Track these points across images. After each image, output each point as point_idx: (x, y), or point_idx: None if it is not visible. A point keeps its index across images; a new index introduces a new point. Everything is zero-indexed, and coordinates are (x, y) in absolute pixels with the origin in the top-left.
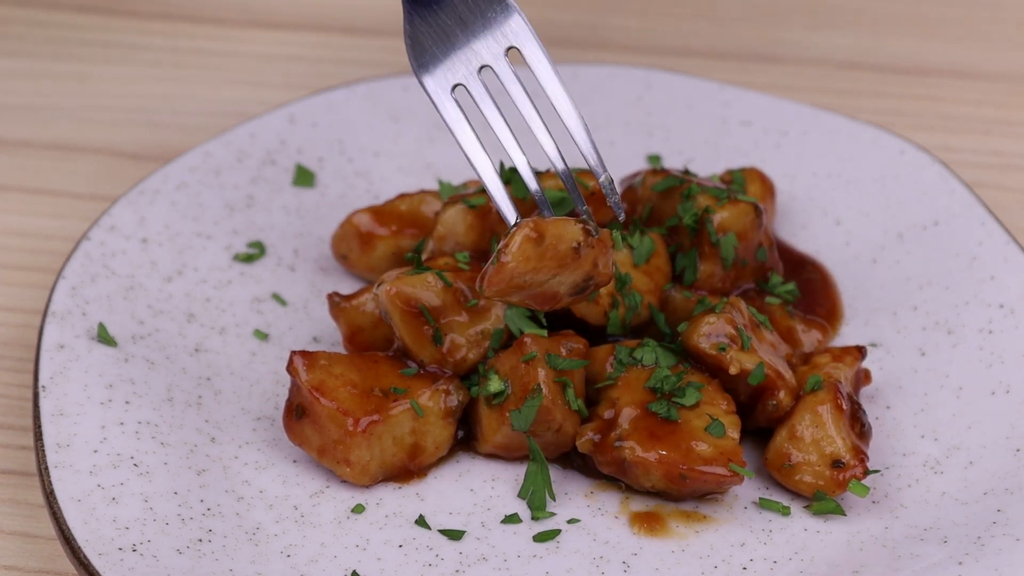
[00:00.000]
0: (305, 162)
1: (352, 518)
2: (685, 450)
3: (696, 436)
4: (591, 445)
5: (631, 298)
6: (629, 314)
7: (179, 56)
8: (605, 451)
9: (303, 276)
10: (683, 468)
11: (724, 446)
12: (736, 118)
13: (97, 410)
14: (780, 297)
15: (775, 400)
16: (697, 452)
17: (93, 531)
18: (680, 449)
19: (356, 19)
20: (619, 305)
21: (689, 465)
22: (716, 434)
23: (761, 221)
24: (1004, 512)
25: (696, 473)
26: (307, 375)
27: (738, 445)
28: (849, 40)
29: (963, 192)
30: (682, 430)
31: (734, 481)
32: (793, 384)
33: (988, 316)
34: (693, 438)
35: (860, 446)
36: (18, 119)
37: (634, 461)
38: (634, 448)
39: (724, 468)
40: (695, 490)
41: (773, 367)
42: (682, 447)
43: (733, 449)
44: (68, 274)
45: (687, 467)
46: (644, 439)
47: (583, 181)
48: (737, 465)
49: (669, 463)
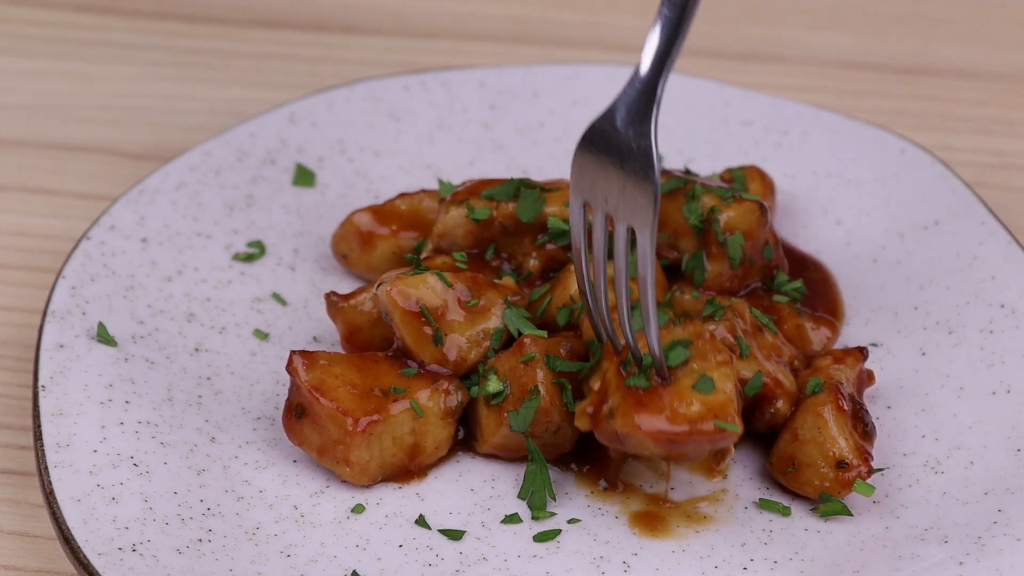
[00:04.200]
0: (305, 162)
1: (352, 518)
2: (671, 414)
3: (683, 396)
4: (587, 420)
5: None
6: None
7: (179, 56)
8: (600, 426)
9: (303, 276)
10: (670, 433)
11: (712, 402)
12: (736, 118)
13: (97, 410)
14: (788, 295)
15: (773, 408)
16: (683, 414)
17: (93, 531)
18: (665, 414)
19: (356, 19)
20: None
21: (674, 428)
22: (704, 391)
23: (767, 219)
24: (1005, 512)
25: (683, 436)
26: (307, 375)
27: (730, 398)
28: (849, 40)
29: (964, 192)
30: (670, 392)
31: (725, 437)
32: (792, 390)
33: (989, 316)
34: (680, 399)
35: (864, 446)
36: (18, 119)
37: (624, 432)
38: (623, 419)
39: (710, 425)
40: (695, 451)
41: (772, 375)
42: (667, 411)
43: (721, 404)
44: (68, 274)
45: (672, 431)
46: (631, 409)
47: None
48: (723, 421)
49: (656, 430)
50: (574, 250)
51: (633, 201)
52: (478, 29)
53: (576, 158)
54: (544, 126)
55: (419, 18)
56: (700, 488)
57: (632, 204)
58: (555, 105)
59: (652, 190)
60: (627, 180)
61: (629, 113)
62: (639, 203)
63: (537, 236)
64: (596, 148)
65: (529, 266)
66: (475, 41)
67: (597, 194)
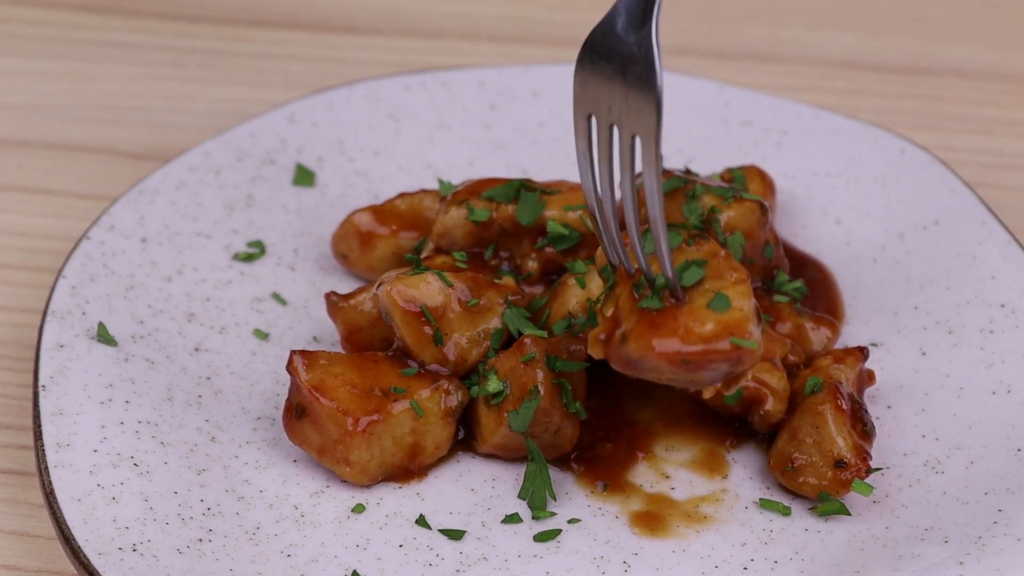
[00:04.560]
0: (305, 162)
1: (352, 518)
2: (684, 334)
3: (698, 316)
4: (600, 347)
5: None
6: None
7: (179, 56)
8: (613, 352)
9: (303, 276)
10: (685, 354)
11: (728, 320)
12: (736, 118)
13: (97, 410)
14: (788, 295)
15: (761, 411)
16: (698, 333)
17: (93, 531)
18: (679, 334)
19: (356, 19)
20: None
21: (688, 348)
22: (719, 309)
23: (767, 219)
24: (1005, 512)
25: (698, 356)
26: (307, 375)
27: (747, 315)
28: (849, 40)
29: (964, 192)
30: (684, 313)
31: (743, 356)
32: (782, 388)
33: (989, 316)
34: (694, 319)
35: (862, 445)
36: (18, 119)
37: (638, 356)
38: (636, 342)
39: (726, 343)
40: (713, 373)
41: (757, 378)
42: (681, 331)
43: (737, 321)
44: (68, 273)
45: (687, 351)
46: (644, 331)
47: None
48: (740, 338)
49: (670, 352)
50: (580, 169)
51: (636, 109)
52: (478, 29)
53: (577, 68)
54: (544, 126)
55: (419, 18)
56: (700, 488)
57: (635, 112)
58: (555, 105)
59: (655, 95)
60: (629, 87)
61: (629, 17)
62: (642, 110)
63: (537, 239)
64: (596, 55)
65: (528, 268)
66: (475, 41)
67: (600, 104)
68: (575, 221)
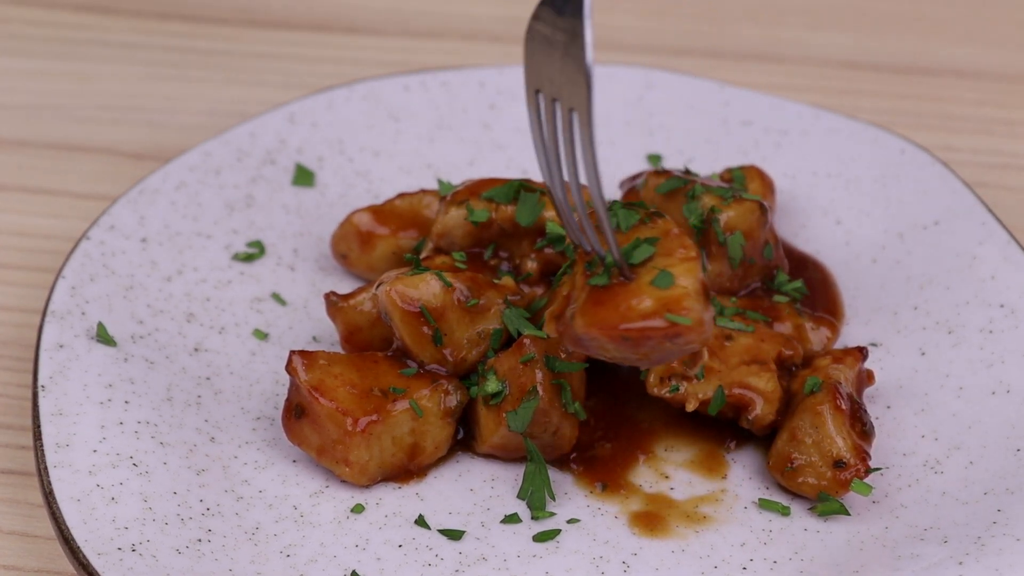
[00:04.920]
0: (305, 162)
1: (352, 518)
2: (624, 310)
3: (639, 293)
4: (554, 324)
5: None
6: None
7: (179, 56)
8: (562, 329)
9: (303, 276)
10: (622, 329)
11: (667, 296)
12: (736, 118)
13: (96, 410)
14: (788, 295)
15: (751, 416)
16: (636, 310)
17: (92, 531)
18: (619, 310)
19: (356, 19)
20: None
21: (626, 325)
22: (662, 285)
23: (767, 219)
24: (1004, 512)
25: (634, 332)
26: (306, 375)
27: (687, 291)
28: (849, 40)
29: (964, 192)
30: (628, 290)
31: (682, 333)
32: (770, 390)
33: (988, 316)
34: (635, 296)
35: (862, 445)
36: (18, 119)
37: (582, 333)
38: (581, 319)
39: (662, 320)
40: (657, 351)
41: (741, 382)
42: (621, 308)
43: (676, 298)
44: (68, 274)
45: (625, 327)
46: (590, 308)
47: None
48: (674, 314)
49: (609, 327)
50: (535, 145)
51: (571, 82)
52: (478, 29)
53: (525, 41)
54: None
55: (419, 18)
56: (700, 488)
57: (570, 84)
58: None
59: (585, 69)
60: (565, 61)
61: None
62: (576, 83)
63: (536, 239)
64: (539, 29)
65: (527, 268)
66: (475, 41)
67: (543, 78)
68: None
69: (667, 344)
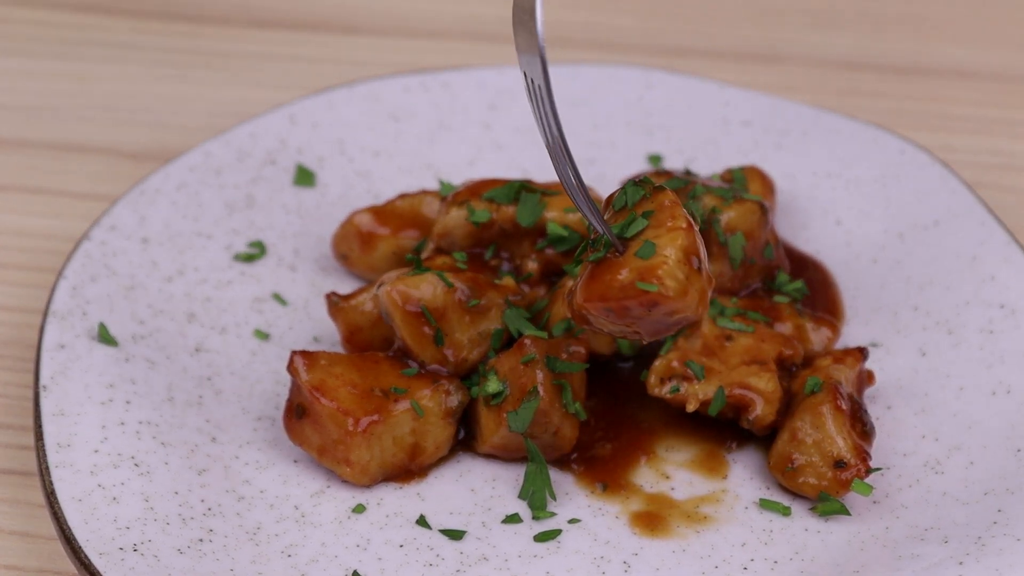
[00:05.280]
0: (305, 162)
1: (353, 518)
2: (608, 283)
3: (623, 265)
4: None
5: None
6: None
7: (179, 56)
8: (568, 307)
9: (303, 276)
10: (606, 303)
11: (643, 266)
12: (736, 118)
13: (98, 410)
14: (789, 295)
15: (751, 416)
16: (618, 281)
17: (94, 531)
18: (604, 283)
19: (356, 19)
20: None
21: (608, 296)
22: (644, 256)
23: (767, 219)
24: (1004, 512)
25: (614, 303)
26: (307, 375)
27: (664, 260)
28: (849, 40)
29: (963, 192)
30: (618, 264)
31: (657, 301)
32: (771, 391)
33: (988, 316)
34: (619, 268)
35: (862, 445)
36: (18, 119)
37: (579, 308)
38: (577, 294)
39: (633, 290)
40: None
41: (742, 383)
42: (607, 281)
43: (649, 267)
44: (69, 274)
45: (607, 301)
46: (586, 284)
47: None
48: (644, 283)
49: (596, 300)
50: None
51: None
52: (478, 29)
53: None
54: None
55: (419, 18)
56: (700, 488)
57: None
58: None
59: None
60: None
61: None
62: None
63: (537, 240)
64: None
65: (528, 268)
66: (475, 41)
67: (523, 59)
68: (575, 223)
69: (652, 315)
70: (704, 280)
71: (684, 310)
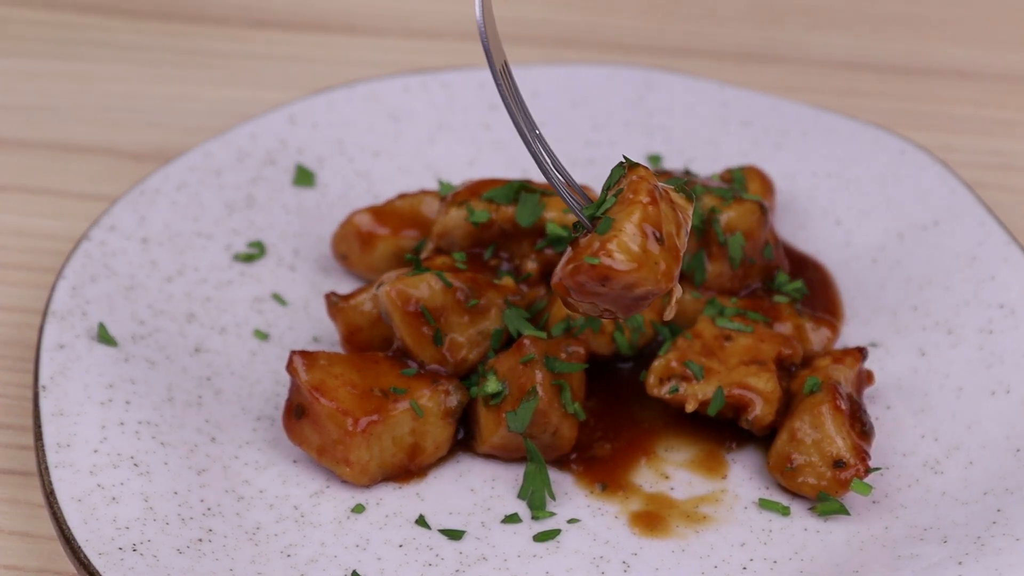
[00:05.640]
0: (305, 162)
1: (352, 518)
2: (571, 260)
3: (588, 243)
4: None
5: (633, 319)
6: (635, 335)
7: (179, 56)
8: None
9: (303, 276)
10: (568, 283)
11: (600, 241)
12: (736, 118)
13: (97, 410)
14: (788, 295)
15: (749, 416)
16: (575, 258)
17: (93, 531)
18: (567, 262)
19: (356, 19)
20: (623, 329)
21: (567, 274)
22: (601, 232)
23: (767, 219)
24: (1004, 512)
25: (572, 280)
26: (307, 375)
27: (615, 234)
28: (849, 40)
29: (963, 192)
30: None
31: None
32: (770, 390)
33: (988, 316)
34: (586, 246)
35: (861, 445)
36: (18, 119)
37: (557, 288)
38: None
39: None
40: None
41: (741, 383)
42: (570, 259)
43: (603, 240)
44: (68, 274)
45: (570, 280)
46: (560, 266)
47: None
48: (591, 256)
49: (561, 280)
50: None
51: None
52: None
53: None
54: (544, 126)
55: (419, 18)
56: (700, 488)
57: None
58: (555, 105)
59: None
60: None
61: None
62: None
63: (536, 240)
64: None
65: (528, 269)
66: (475, 41)
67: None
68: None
69: (610, 289)
70: (667, 252)
71: (643, 283)
